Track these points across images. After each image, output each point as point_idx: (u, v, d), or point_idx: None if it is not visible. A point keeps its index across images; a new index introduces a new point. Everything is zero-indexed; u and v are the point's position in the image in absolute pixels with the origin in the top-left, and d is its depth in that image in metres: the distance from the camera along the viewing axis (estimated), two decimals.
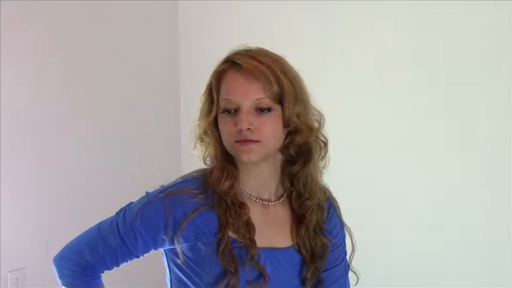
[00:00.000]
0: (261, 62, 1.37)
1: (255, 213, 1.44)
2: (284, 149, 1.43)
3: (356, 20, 2.99)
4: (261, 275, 1.41)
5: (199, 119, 1.46)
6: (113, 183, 3.22)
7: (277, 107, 1.37)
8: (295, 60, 1.45)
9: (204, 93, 1.44)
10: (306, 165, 1.45)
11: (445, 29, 2.76)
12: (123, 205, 1.49)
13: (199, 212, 1.39)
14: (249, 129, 1.34)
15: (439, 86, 2.79)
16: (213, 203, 1.41)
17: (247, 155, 1.36)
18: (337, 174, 1.60)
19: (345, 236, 1.58)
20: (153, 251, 1.47)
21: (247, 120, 1.34)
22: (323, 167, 1.50)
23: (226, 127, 1.38)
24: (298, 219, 1.49)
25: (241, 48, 1.43)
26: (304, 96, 1.42)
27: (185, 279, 1.43)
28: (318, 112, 1.46)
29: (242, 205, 1.42)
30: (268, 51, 1.43)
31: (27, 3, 2.81)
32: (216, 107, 1.41)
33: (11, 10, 2.74)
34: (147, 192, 1.47)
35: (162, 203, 1.40)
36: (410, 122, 2.87)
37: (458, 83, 2.74)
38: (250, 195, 1.46)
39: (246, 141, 1.35)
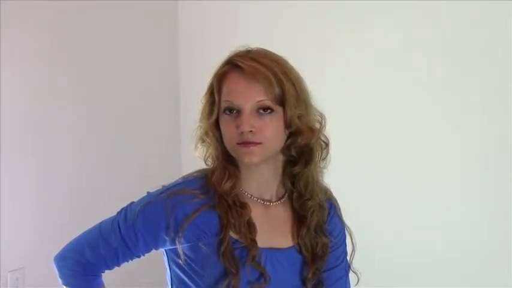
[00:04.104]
0: (262, 64, 1.36)
1: (256, 214, 1.44)
2: (285, 149, 1.42)
3: (356, 20, 2.99)
4: (262, 275, 1.41)
5: (200, 120, 1.45)
6: (113, 183, 3.22)
7: (278, 109, 1.37)
8: (295, 60, 1.45)
9: (205, 95, 1.44)
10: (307, 166, 1.45)
11: (445, 29, 2.76)
12: (123, 205, 1.49)
13: (201, 212, 1.39)
14: (250, 131, 1.34)
15: (440, 86, 2.79)
16: (214, 204, 1.41)
17: (249, 157, 1.36)
18: (337, 174, 1.61)
19: (345, 236, 1.58)
20: (153, 250, 1.47)
21: (248, 122, 1.34)
22: (324, 167, 1.50)
23: (227, 129, 1.38)
24: (299, 220, 1.49)
25: (242, 48, 1.43)
26: (305, 98, 1.42)
27: (186, 279, 1.44)
28: (320, 113, 1.46)
29: (243, 205, 1.42)
30: (270, 52, 1.43)
31: (27, 3, 2.82)
32: (218, 109, 1.40)
33: (11, 10, 2.74)
34: (148, 193, 1.47)
35: (163, 203, 1.40)
36: (411, 121, 2.87)
37: (459, 82, 2.74)
38: (251, 195, 1.46)
39: (247, 143, 1.35)
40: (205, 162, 1.47)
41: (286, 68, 1.40)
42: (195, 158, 1.49)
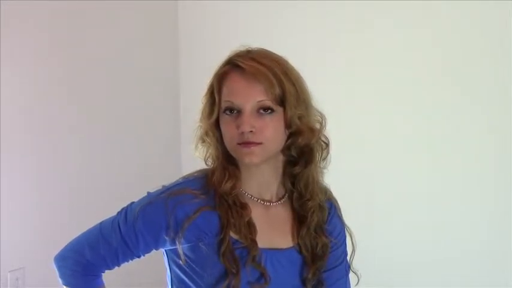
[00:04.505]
0: (262, 64, 1.36)
1: (256, 214, 1.44)
2: (286, 150, 1.42)
3: (356, 20, 2.99)
4: (262, 276, 1.41)
5: (201, 120, 1.45)
6: (113, 183, 3.22)
7: (279, 109, 1.37)
8: (295, 60, 1.45)
9: (205, 95, 1.44)
10: (307, 166, 1.45)
11: (446, 29, 2.76)
12: (123, 205, 1.49)
13: (201, 212, 1.39)
14: (251, 131, 1.34)
15: (440, 86, 2.79)
16: (214, 204, 1.41)
17: (249, 158, 1.36)
18: (337, 174, 1.61)
19: (345, 237, 1.58)
20: (154, 250, 1.47)
21: (249, 122, 1.34)
22: (324, 168, 1.50)
23: (228, 129, 1.38)
24: (299, 220, 1.49)
25: (242, 48, 1.43)
26: (306, 98, 1.42)
27: (186, 279, 1.43)
28: (320, 113, 1.45)
29: (244, 206, 1.42)
30: (270, 52, 1.43)
31: (27, 3, 2.82)
32: (218, 109, 1.40)
33: (11, 10, 2.74)
34: (148, 193, 1.47)
35: (163, 203, 1.39)
36: (411, 122, 2.87)
37: (459, 82, 2.74)
38: (251, 195, 1.46)
39: (248, 143, 1.35)
40: (206, 162, 1.47)
41: (287, 68, 1.40)
42: (195, 158, 1.49)
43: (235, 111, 1.37)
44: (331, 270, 1.52)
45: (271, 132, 1.36)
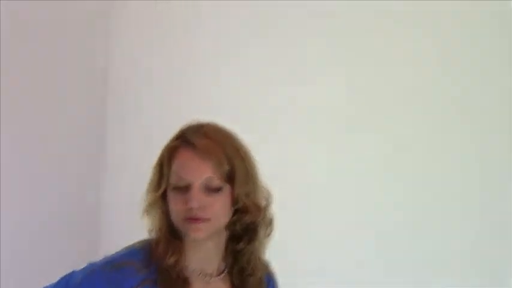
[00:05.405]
0: (213, 141, 1.38)
1: None
2: (231, 225, 1.44)
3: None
4: None
5: (147, 192, 1.46)
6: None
7: (226, 186, 1.39)
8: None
9: (154, 166, 1.45)
10: (250, 243, 1.46)
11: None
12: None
13: (143, 287, 1.40)
14: (199, 207, 1.36)
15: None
16: (156, 278, 1.42)
17: (196, 233, 1.38)
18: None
19: None
20: None
21: (197, 199, 1.36)
22: (267, 243, 1.51)
23: (175, 204, 1.39)
24: None
25: (194, 123, 1.44)
26: (254, 174, 1.44)
27: None
28: (266, 190, 1.47)
29: (185, 281, 1.43)
30: (221, 128, 1.45)
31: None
32: (166, 182, 1.42)
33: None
34: (90, 263, 1.47)
35: (105, 276, 1.40)
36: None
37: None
38: (193, 270, 1.47)
39: (195, 219, 1.36)
40: (149, 234, 1.48)
41: (237, 145, 1.43)
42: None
43: (183, 186, 1.38)
44: None
45: (219, 209, 1.39)
